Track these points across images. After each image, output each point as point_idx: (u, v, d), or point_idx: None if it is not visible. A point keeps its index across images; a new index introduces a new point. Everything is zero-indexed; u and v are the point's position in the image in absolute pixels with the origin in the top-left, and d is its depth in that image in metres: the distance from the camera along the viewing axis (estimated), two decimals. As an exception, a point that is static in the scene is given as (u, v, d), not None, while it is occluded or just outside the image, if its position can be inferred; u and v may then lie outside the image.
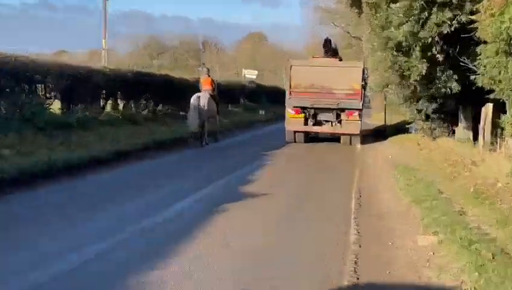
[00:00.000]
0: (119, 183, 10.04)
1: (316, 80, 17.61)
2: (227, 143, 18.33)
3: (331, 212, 8.02)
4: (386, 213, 7.95)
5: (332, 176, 11.94)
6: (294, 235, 6.62)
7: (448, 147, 14.03)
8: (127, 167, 11.80)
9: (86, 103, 15.29)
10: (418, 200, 8.19)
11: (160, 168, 12.16)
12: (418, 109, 15.82)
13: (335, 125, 18.05)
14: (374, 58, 13.40)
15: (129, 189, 9.32)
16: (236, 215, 7.59)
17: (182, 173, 11.60)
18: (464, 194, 8.57)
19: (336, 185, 10.72)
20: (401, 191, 9.36)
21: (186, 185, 9.94)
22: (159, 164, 12.82)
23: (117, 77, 16.35)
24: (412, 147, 15.83)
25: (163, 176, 10.90)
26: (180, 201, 8.46)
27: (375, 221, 7.47)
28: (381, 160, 14.16)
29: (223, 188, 9.80)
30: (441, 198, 8.30)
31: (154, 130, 16.98)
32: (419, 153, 14.39)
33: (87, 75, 15.00)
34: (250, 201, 8.66)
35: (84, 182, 9.81)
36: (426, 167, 11.86)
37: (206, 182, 10.13)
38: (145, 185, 9.73)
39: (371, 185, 10.61)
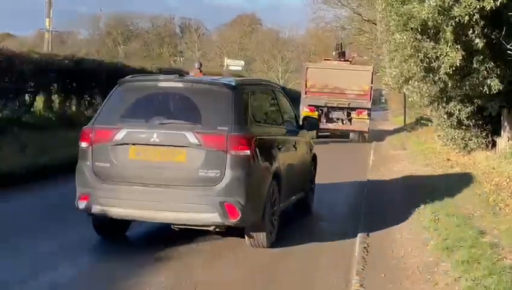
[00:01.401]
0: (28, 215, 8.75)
1: (330, 81, 22.31)
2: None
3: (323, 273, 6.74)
4: (403, 269, 6.65)
5: (329, 208, 10.63)
6: None
7: (488, 165, 12.83)
8: (47, 190, 10.56)
9: (6, 98, 13.94)
10: (450, 247, 6.89)
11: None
12: (448, 112, 14.58)
13: (346, 123, 23.18)
14: (390, 44, 12.12)
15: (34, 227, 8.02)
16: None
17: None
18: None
19: (335, 222, 9.43)
20: (425, 231, 8.06)
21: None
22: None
23: (50, 65, 14.99)
24: (440, 163, 14.63)
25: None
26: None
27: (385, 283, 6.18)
28: (400, 181, 12.88)
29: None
30: (482, 243, 7.00)
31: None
32: (450, 172, 13.14)
33: (7, 62, 13.64)
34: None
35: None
36: (460, 192, 10.61)
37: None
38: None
39: (384, 217, 9.32)
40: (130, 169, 6.82)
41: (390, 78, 14.75)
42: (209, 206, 6.53)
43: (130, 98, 7.33)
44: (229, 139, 6.59)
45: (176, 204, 6.63)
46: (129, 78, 7.77)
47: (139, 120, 7.03)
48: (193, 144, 6.56)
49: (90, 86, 17.20)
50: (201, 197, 6.57)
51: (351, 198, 11.16)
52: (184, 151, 6.65)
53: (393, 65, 13.26)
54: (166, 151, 6.74)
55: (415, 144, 20.24)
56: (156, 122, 6.85)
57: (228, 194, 6.52)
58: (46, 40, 32.83)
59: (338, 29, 44.69)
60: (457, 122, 14.71)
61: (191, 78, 8.37)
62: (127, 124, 6.90)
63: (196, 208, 6.60)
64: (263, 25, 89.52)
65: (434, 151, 17.13)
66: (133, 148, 6.80)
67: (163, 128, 6.74)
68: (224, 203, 6.49)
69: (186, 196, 6.62)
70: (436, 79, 11.71)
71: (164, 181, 6.69)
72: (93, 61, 17.08)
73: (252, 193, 6.71)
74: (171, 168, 6.74)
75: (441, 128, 16.25)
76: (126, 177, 6.77)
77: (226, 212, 6.50)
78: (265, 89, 8.64)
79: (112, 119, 7.04)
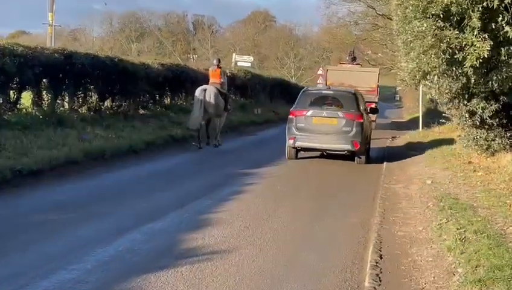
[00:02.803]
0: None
1: (344, 80, 26.70)
2: (194, 158, 15.79)
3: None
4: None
5: (335, 223, 9.21)
6: None
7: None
8: (22, 198, 9.24)
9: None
10: (484, 279, 5.47)
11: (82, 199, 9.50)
12: (470, 110, 13.02)
13: None
14: (406, 34, 10.65)
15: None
16: None
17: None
18: None
19: (341, 239, 8.01)
20: (450, 254, 6.62)
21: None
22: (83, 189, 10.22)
23: (37, 59, 13.65)
24: (461, 167, 13.11)
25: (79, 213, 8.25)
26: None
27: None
28: (416, 187, 11.42)
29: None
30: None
31: (93, 137, 14.38)
32: (473, 177, 11.65)
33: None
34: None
35: None
36: (487, 202, 9.14)
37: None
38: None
39: (400, 233, 7.91)
40: (313, 127, 14.51)
41: (407, 74, 13.21)
42: (346, 142, 14.16)
43: (309, 97, 15.46)
44: (355, 115, 14.47)
45: (333, 141, 14.34)
46: (307, 88, 17.21)
47: (316, 106, 14.90)
48: (340, 116, 14.42)
49: (84, 82, 15.80)
50: (343, 138, 14.20)
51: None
52: (336, 119, 14.48)
53: (410, 58, 11.73)
54: (329, 119, 14.54)
55: (432, 144, 18.70)
56: (324, 107, 14.84)
57: (354, 137, 14.13)
58: (49, 35, 31.56)
59: (351, 24, 43.13)
60: (481, 122, 13.17)
61: (335, 88, 17.20)
62: (311, 108, 14.80)
63: (341, 142, 14.27)
64: (277, 22, 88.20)
65: (453, 152, 15.60)
66: (315, 118, 14.61)
67: (327, 110, 14.71)
68: (353, 141, 14.11)
69: (337, 138, 14.29)
70: (460, 73, 10.21)
71: (328, 132, 14.31)
72: (86, 55, 15.69)
73: (362, 137, 14.37)
74: (330, 126, 14.41)
75: (462, 128, 14.71)
76: (311, 130, 14.46)
77: (353, 145, 14.16)
78: (360, 94, 16.47)
79: (303, 106, 14.98)
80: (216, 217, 8.47)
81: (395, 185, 11.90)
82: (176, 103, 21.95)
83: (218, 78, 17.60)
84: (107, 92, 17.09)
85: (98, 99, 16.72)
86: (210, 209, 8.96)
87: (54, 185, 10.35)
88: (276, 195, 10.45)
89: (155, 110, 19.83)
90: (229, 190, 10.65)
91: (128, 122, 16.95)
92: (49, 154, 11.61)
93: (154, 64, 19.42)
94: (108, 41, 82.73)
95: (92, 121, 15.65)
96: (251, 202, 9.69)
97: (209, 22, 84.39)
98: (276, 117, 30.24)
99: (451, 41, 9.35)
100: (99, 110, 16.57)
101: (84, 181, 11.09)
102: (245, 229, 7.85)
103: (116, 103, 17.53)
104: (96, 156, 13.08)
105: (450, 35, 9.34)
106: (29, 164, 10.73)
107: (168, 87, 21.07)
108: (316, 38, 74.11)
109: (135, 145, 14.83)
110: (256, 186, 11.19)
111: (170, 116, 19.89)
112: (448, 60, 9.70)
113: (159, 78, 19.34)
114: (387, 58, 43.76)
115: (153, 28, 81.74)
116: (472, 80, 11.32)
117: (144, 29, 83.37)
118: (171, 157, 15.05)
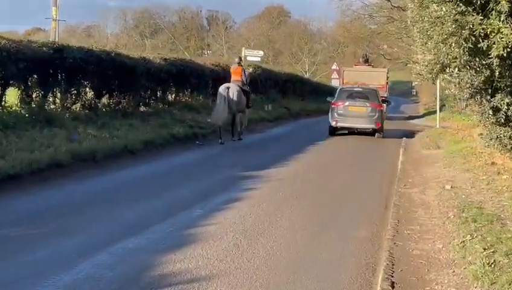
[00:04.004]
0: None
1: (358, 78, 31.65)
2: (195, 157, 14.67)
3: None
4: None
5: (341, 238, 8.01)
6: None
7: (547, 172, 10.08)
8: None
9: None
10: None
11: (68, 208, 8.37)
12: (494, 106, 11.67)
13: None
14: (423, 22, 9.39)
15: None
16: None
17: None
18: None
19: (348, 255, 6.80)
20: (477, 283, 5.39)
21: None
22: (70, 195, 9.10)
23: (22, 53, 12.53)
24: (483, 169, 11.84)
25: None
26: None
27: None
28: (433, 193, 10.16)
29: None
30: None
31: (84, 136, 13.28)
32: (498, 181, 10.38)
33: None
34: None
35: None
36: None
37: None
38: None
39: (416, 252, 6.68)
40: (349, 113, 20.70)
41: (423, 66, 11.92)
42: (371, 123, 20.58)
43: (346, 92, 21.88)
44: (377, 104, 20.97)
45: (362, 122, 20.70)
46: (343, 87, 24.63)
47: (350, 99, 21.09)
48: (368, 106, 20.68)
49: (77, 78, 14.67)
50: (369, 120, 20.56)
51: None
52: (365, 108, 20.72)
53: (427, 49, 10.45)
54: (360, 108, 20.80)
55: (450, 142, 17.41)
56: (357, 99, 21.14)
57: (377, 119, 20.52)
58: (53, 30, 30.53)
59: (366, 17, 41.67)
60: (505, 119, 11.83)
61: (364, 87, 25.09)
62: (347, 100, 20.97)
63: (368, 123, 20.67)
64: (292, 17, 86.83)
65: (474, 151, 14.32)
66: (350, 107, 20.75)
67: (358, 101, 21.01)
68: (376, 122, 20.52)
69: (365, 120, 20.60)
70: (484, 64, 8.92)
71: (359, 116, 20.66)
72: (79, 49, 14.51)
73: (382, 119, 21.06)
74: (361, 112, 20.69)
75: (484, 126, 13.37)
76: (348, 115, 20.65)
77: (376, 124, 20.55)
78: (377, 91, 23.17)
79: (341, 98, 21.18)
80: (204, 231, 7.31)
81: (410, 190, 10.65)
82: (180, 99, 20.75)
83: (240, 75, 18.12)
84: (104, 89, 15.93)
85: (94, 96, 15.56)
86: (199, 222, 7.80)
87: (30, 192, 9.27)
88: (276, 203, 9.24)
89: (157, 107, 18.66)
90: (225, 197, 9.48)
91: (126, 121, 15.79)
92: (30, 156, 10.50)
93: (155, 58, 18.23)
94: (122, 37, 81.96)
95: (86, 119, 14.51)
96: (247, 211, 8.50)
97: (223, 17, 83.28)
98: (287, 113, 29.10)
99: (474, 28, 8.04)
100: (94, 108, 15.42)
101: (66, 187, 10.02)
102: (234, 248, 6.66)
103: (114, 100, 16.37)
104: (85, 158, 11.97)
105: (473, 21, 8.02)
106: (5, 167, 9.64)
107: (173, 83, 19.88)
108: (331, 33, 72.83)
109: (131, 145, 13.70)
110: (256, 192, 9.99)
111: (173, 114, 18.73)
112: (470, 50, 8.40)
113: (161, 74, 18.16)
114: (402, 52, 42.55)
115: (165, 25, 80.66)
116: (496, 73, 10.03)
117: (158, 26, 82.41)
118: (170, 158, 13.94)
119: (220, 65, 23.74)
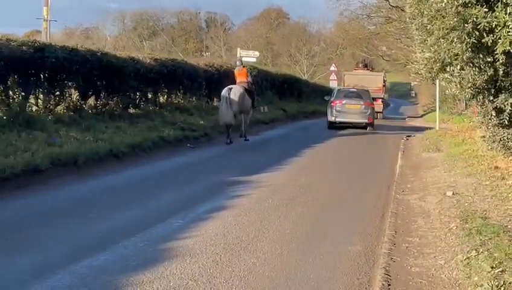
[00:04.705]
0: None
1: (357, 82, 34.34)
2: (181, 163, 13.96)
3: None
4: None
5: (332, 254, 7.29)
6: None
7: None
8: None
9: None
10: None
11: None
12: (497, 107, 10.94)
13: None
14: (422, 17, 8.67)
15: None
16: None
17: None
18: None
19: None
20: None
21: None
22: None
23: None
24: (486, 173, 11.11)
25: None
26: None
27: None
28: (434, 200, 9.42)
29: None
30: None
31: (67, 138, 12.58)
32: (502, 187, 9.65)
33: None
34: None
35: None
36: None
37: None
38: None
39: (415, 270, 5.95)
40: (346, 110, 24.15)
41: (422, 65, 11.19)
42: (364, 118, 24.23)
43: (343, 92, 25.72)
44: (369, 103, 24.79)
45: (357, 117, 24.28)
46: (340, 88, 29.22)
47: (347, 98, 24.61)
48: (361, 104, 24.29)
49: (60, 78, 13.94)
50: (363, 116, 24.24)
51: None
52: (359, 105, 24.30)
53: (427, 46, 9.74)
54: (355, 105, 24.30)
55: (451, 144, 16.66)
56: (352, 98, 24.63)
57: (369, 115, 24.30)
58: (44, 30, 29.80)
59: (364, 17, 40.95)
60: (509, 121, 11.11)
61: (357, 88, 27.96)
62: (344, 99, 24.50)
63: (361, 118, 24.27)
64: (290, 19, 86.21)
65: (475, 154, 13.61)
66: (347, 105, 24.19)
67: (354, 100, 24.56)
68: (368, 117, 24.27)
69: (359, 116, 24.29)
70: (488, 61, 8.21)
71: (354, 112, 24.22)
72: (62, 48, 13.80)
73: (373, 115, 25.26)
74: (356, 109, 24.24)
75: (486, 128, 12.64)
76: (345, 112, 24.12)
77: (368, 120, 24.30)
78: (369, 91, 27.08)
79: (339, 98, 24.67)
80: (181, 246, 6.58)
81: (409, 196, 9.92)
82: (172, 101, 20.04)
83: (245, 77, 18.32)
84: (90, 90, 15.21)
85: (79, 97, 14.84)
86: (177, 235, 7.07)
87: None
88: (265, 211, 8.51)
89: (147, 109, 17.94)
90: (210, 206, 8.76)
91: (113, 123, 15.09)
92: (4, 161, 9.78)
93: (145, 58, 17.53)
94: (121, 39, 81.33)
95: (70, 121, 13.80)
96: (232, 222, 7.77)
97: (221, 19, 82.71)
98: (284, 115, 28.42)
99: (478, 21, 7.33)
100: (80, 110, 14.71)
101: (40, 194, 9.31)
102: (213, 265, 5.94)
103: (101, 102, 15.65)
104: (66, 163, 11.23)
105: (477, 14, 7.32)
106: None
107: (164, 84, 19.16)
108: (330, 35, 72.18)
109: (117, 149, 12.96)
110: (243, 200, 9.27)
111: (164, 116, 18.03)
112: (474, 45, 7.68)
113: (151, 74, 17.44)
114: (401, 53, 42.01)
115: (163, 27, 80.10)
116: (501, 72, 9.35)
117: (156, 27, 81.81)
118: (157, 163, 13.24)
119: (214, 66, 23.02)
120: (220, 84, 23.29)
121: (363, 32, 44.51)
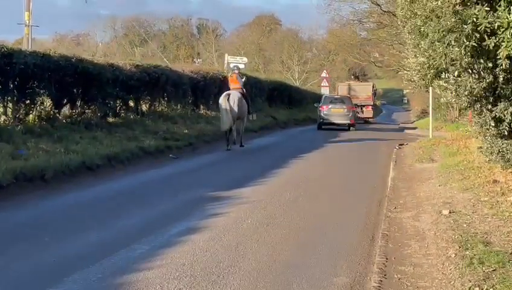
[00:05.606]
0: None
1: (349, 91, 39.37)
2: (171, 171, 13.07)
3: None
4: None
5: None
6: None
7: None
8: None
9: None
10: None
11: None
12: (496, 117, 10.10)
13: (360, 112, 39.73)
14: (415, 18, 7.81)
15: None
16: None
17: None
18: None
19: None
20: None
21: None
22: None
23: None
24: (484, 188, 10.26)
25: None
26: None
27: None
28: (429, 219, 8.54)
29: None
30: None
31: (36, 150, 11.67)
32: (503, 204, 8.80)
33: None
34: None
35: None
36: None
37: None
38: None
39: None
40: (332, 113, 29.80)
41: (415, 72, 10.33)
42: (347, 119, 29.85)
43: (329, 99, 31.53)
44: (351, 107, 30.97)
45: (341, 119, 29.77)
46: (326, 95, 35.00)
47: (332, 104, 30.29)
48: (344, 108, 30.22)
49: (31, 86, 13.03)
50: (345, 118, 29.88)
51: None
52: (342, 110, 30.14)
53: (420, 52, 8.90)
54: (339, 109, 30.15)
55: (445, 154, 15.81)
56: (337, 103, 30.42)
57: (351, 117, 30.13)
58: (25, 36, 28.88)
59: (355, 23, 40.17)
60: (509, 131, 10.26)
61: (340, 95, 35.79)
62: (330, 104, 30.23)
63: (344, 120, 29.79)
64: (282, 26, 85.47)
65: (472, 166, 12.77)
66: (332, 109, 29.98)
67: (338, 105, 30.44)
68: (350, 119, 30.01)
69: (342, 118, 29.85)
70: (487, 67, 7.36)
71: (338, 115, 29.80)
72: (32, 54, 12.91)
73: (354, 117, 31.31)
74: (340, 112, 29.89)
75: (484, 138, 11.77)
76: (331, 115, 29.73)
77: (350, 121, 29.95)
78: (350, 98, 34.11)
79: (325, 103, 30.34)
80: (140, 279, 5.69)
81: (401, 215, 9.05)
82: (155, 109, 19.14)
83: (237, 82, 18.24)
84: (64, 98, 14.30)
85: (53, 106, 13.92)
86: (138, 265, 6.17)
87: None
88: (242, 234, 7.61)
89: (128, 117, 17.04)
90: (182, 227, 7.89)
91: (89, 133, 14.19)
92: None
93: (125, 65, 16.64)
94: (112, 46, 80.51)
95: (41, 132, 12.89)
96: (203, 247, 6.88)
97: (213, 25, 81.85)
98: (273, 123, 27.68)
99: (478, 22, 6.47)
100: (53, 119, 13.79)
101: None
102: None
103: (77, 110, 14.73)
104: (32, 178, 10.36)
105: (477, 14, 6.46)
106: None
107: (146, 92, 18.27)
108: (322, 41, 71.45)
109: (90, 161, 12.11)
110: (220, 220, 8.37)
111: (146, 125, 17.14)
112: (474, 49, 6.83)
113: (132, 81, 16.55)
114: (393, 59, 41.20)
115: (155, 33, 79.27)
116: (501, 78, 8.57)
117: (147, 34, 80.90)
118: (134, 176, 12.38)
119: (200, 72, 22.14)
120: (207, 91, 22.50)
121: (355, 38, 43.78)
